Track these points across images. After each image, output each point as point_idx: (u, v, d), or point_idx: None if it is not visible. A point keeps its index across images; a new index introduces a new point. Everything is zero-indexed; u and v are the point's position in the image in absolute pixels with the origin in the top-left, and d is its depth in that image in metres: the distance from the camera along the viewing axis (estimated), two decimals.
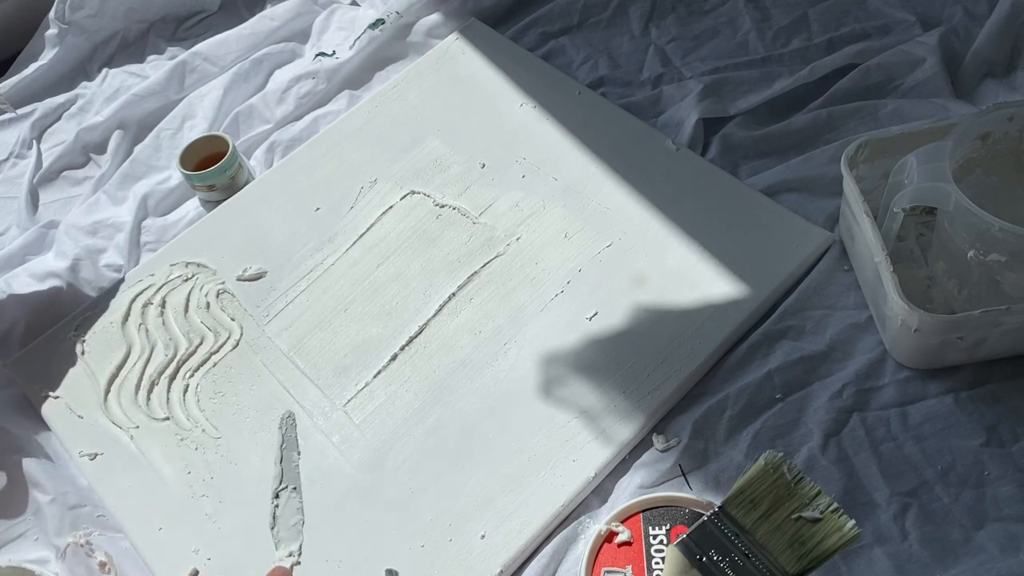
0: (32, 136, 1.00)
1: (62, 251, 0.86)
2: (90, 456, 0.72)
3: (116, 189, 0.92)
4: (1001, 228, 0.58)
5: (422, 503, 0.66)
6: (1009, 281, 0.62)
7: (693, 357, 0.70)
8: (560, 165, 0.84)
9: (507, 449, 0.67)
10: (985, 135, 0.65)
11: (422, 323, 0.75)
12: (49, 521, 0.68)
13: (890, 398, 0.66)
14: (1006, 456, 0.62)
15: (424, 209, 0.83)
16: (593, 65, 0.95)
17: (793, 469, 0.53)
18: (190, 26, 1.10)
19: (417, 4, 1.01)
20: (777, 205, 0.77)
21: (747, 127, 0.85)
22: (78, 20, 1.06)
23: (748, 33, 0.93)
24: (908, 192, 0.63)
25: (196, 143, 0.90)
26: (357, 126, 0.92)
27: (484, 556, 0.63)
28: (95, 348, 0.78)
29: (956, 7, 0.90)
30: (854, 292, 0.72)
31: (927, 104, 0.81)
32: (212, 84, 1.00)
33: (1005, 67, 0.84)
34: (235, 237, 0.85)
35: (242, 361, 0.76)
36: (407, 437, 0.69)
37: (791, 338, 0.70)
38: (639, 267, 0.76)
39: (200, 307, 0.80)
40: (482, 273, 0.78)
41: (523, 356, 0.72)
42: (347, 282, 0.80)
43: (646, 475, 0.65)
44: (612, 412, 0.68)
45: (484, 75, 0.94)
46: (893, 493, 0.61)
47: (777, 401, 0.67)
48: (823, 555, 0.51)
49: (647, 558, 0.59)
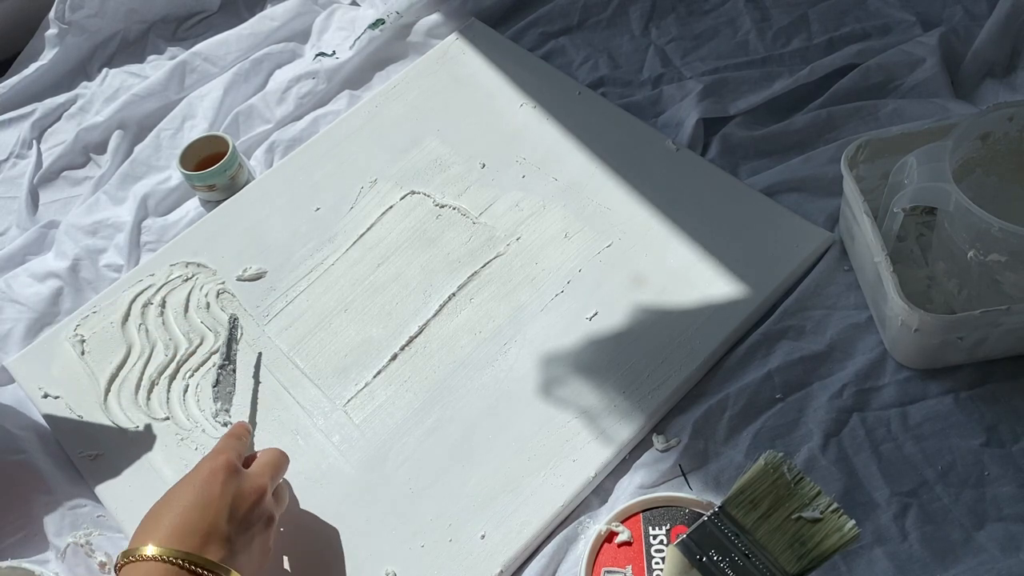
0: (32, 136, 1.00)
1: (62, 251, 0.86)
2: (90, 456, 0.72)
3: (116, 189, 0.92)
4: (1001, 228, 0.58)
5: (422, 503, 0.66)
6: (1009, 281, 0.62)
7: (693, 357, 0.70)
8: (560, 165, 0.84)
9: (507, 449, 0.67)
10: (985, 135, 0.65)
11: (422, 323, 0.75)
12: (49, 521, 0.68)
13: (890, 398, 0.66)
14: (1006, 456, 0.62)
15: (424, 209, 0.83)
16: (593, 65, 0.95)
17: (793, 469, 0.53)
18: (190, 26, 1.10)
19: (417, 4, 1.01)
20: (777, 205, 0.77)
21: (747, 127, 0.85)
22: (78, 20, 1.06)
23: (748, 33, 0.93)
24: (908, 192, 0.63)
25: (196, 143, 0.90)
26: (357, 126, 0.92)
27: (484, 556, 0.63)
28: (95, 348, 0.78)
29: (956, 7, 0.90)
30: (854, 292, 0.72)
31: (927, 104, 0.81)
32: (212, 84, 1.00)
33: (1005, 67, 0.84)
34: (235, 237, 0.85)
35: (242, 361, 0.76)
36: (407, 437, 0.69)
37: (791, 338, 0.70)
38: (639, 267, 0.76)
39: (200, 307, 0.80)
40: (482, 273, 0.78)
41: (523, 356, 0.72)
42: (347, 282, 0.80)
43: (646, 475, 0.65)
44: (612, 412, 0.68)
45: (484, 75, 0.94)
46: (893, 493, 0.61)
47: (777, 401, 0.67)
48: (823, 555, 0.51)
49: (647, 558, 0.59)
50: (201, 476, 0.55)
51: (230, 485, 0.55)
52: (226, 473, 0.55)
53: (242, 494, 0.55)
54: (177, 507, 0.54)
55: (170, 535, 0.52)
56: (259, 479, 0.57)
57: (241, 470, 0.57)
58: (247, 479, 0.57)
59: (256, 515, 0.56)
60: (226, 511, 0.54)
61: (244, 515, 0.55)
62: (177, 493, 0.55)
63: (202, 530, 0.52)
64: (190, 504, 0.54)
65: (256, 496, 0.56)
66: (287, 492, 0.64)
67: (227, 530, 0.53)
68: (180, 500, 0.54)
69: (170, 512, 0.53)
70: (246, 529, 0.55)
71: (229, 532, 0.53)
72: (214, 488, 0.54)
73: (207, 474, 0.55)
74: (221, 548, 0.53)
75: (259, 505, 0.56)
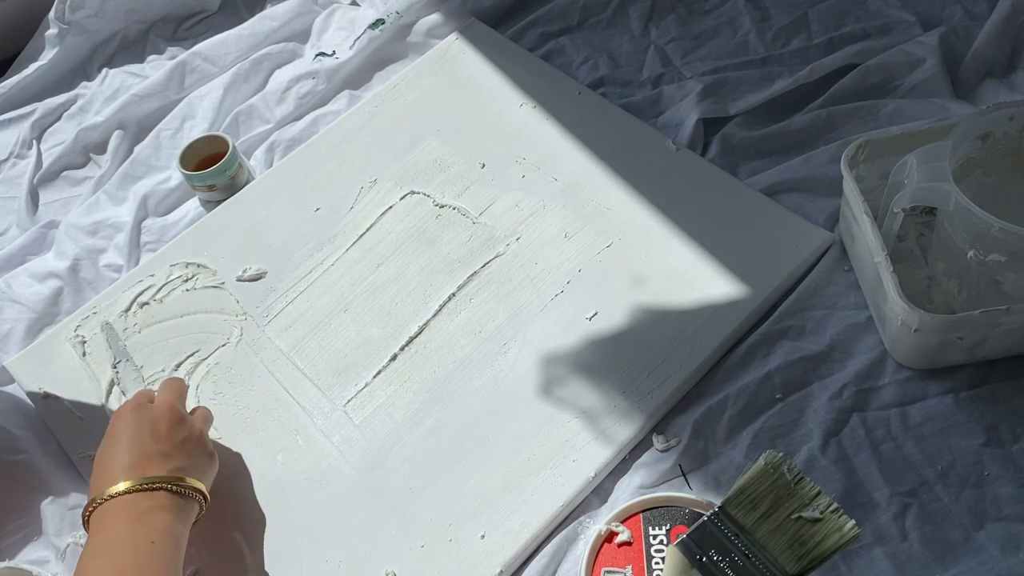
0: (32, 136, 1.00)
1: (62, 251, 0.86)
2: (90, 456, 0.71)
3: (116, 189, 0.92)
4: (1001, 228, 0.58)
5: (422, 503, 0.66)
6: (1009, 281, 0.62)
7: (693, 357, 0.70)
8: (560, 165, 0.84)
9: (507, 449, 0.67)
10: (985, 135, 0.65)
11: (422, 323, 0.75)
12: (49, 521, 0.68)
13: (890, 398, 0.66)
14: (1006, 456, 0.62)
15: (424, 209, 0.83)
16: (593, 65, 0.95)
17: (793, 469, 0.53)
18: (190, 26, 1.10)
19: (417, 4, 1.01)
20: (777, 205, 0.77)
21: (747, 127, 0.85)
22: (78, 20, 1.06)
23: (748, 33, 0.93)
24: (908, 192, 0.63)
25: (196, 143, 0.90)
26: (357, 126, 0.92)
27: (484, 556, 0.63)
28: (95, 348, 0.78)
29: (956, 7, 0.90)
30: (854, 292, 0.72)
31: (927, 104, 0.81)
32: (212, 84, 1.00)
33: (1005, 67, 0.84)
34: (235, 237, 0.85)
35: (242, 361, 0.76)
36: (407, 437, 0.69)
37: (791, 338, 0.70)
38: (639, 267, 0.76)
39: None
40: (482, 273, 0.78)
41: (523, 356, 0.72)
42: (347, 282, 0.80)
43: (646, 475, 0.65)
44: (612, 412, 0.68)
45: (484, 75, 0.94)
46: (893, 493, 0.61)
47: (777, 401, 0.67)
48: (823, 555, 0.51)
49: (647, 558, 0.59)
50: (118, 423, 0.62)
51: (141, 416, 0.62)
52: (131, 411, 0.62)
53: (153, 418, 0.62)
54: (106, 455, 0.60)
55: (112, 475, 0.58)
56: (162, 402, 0.63)
57: (144, 404, 0.63)
58: (152, 407, 0.63)
59: (179, 429, 0.62)
60: (148, 436, 0.60)
61: (167, 432, 0.61)
62: (106, 445, 0.61)
63: (137, 460, 0.59)
64: (120, 446, 0.60)
65: (168, 413, 0.62)
66: (207, 411, 0.70)
67: (158, 449, 0.60)
68: (111, 448, 0.60)
69: (104, 460, 0.60)
70: (178, 443, 0.61)
71: (161, 449, 0.60)
72: (131, 425, 0.61)
73: (115, 420, 0.62)
74: (163, 465, 0.59)
75: (176, 420, 0.62)
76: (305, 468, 0.69)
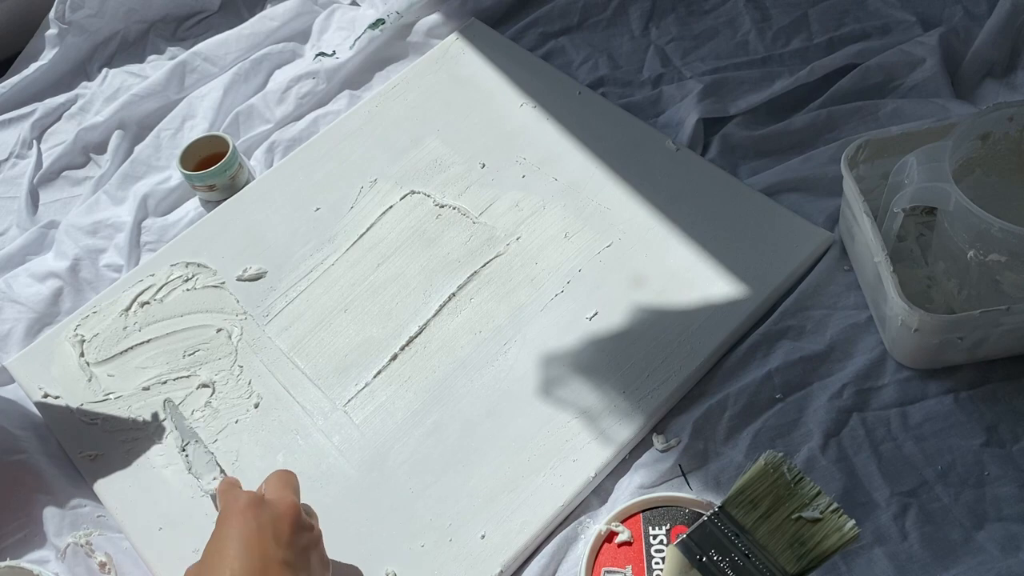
0: (32, 136, 1.00)
1: (62, 251, 0.86)
2: (90, 456, 0.72)
3: (116, 189, 0.92)
4: (1001, 228, 0.58)
5: (422, 503, 0.66)
6: (1009, 281, 0.62)
7: (693, 357, 0.70)
8: (560, 165, 0.84)
9: (507, 449, 0.67)
10: (985, 135, 0.65)
11: (422, 323, 0.75)
12: (49, 521, 0.68)
13: (890, 398, 0.66)
14: (1006, 456, 0.62)
15: (424, 209, 0.83)
16: (593, 65, 0.95)
17: (793, 469, 0.53)
18: (190, 26, 1.10)
19: (417, 4, 1.01)
20: (777, 205, 0.77)
21: (747, 127, 0.85)
22: (78, 20, 1.06)
23: (748, 33, 0.93)
24: (908, 192, 0.63)
25: (196, 143, 0.90)
26: (357, 126, 0.92)
27: (484, 556, 0.63)
28: (95, 348, 0.78)
29: (956, 7, 0.90)
30: (854, 292, 0.72)
31: (927, 104, 0.81)
32: (212, 84, 1.00)
33: (1005, 67, 0.84)
34: (235, 237, 0.85)
35: (242, 361, 0.76)
36: (407, 437, 0.69)
37: (791, 338, 0.70)
38: (639, 267, 0.76)
39: None
40: (482, 273, 0.78)
41: (523, 356, 0.72)
42: (347, 282, 0.80)
43: (646, 475, 0.65)
44: (612, 412, 0.68)
45: (484, 75, 0.94)
46: (893, 493, 0.61)
47: (777, 401, 0.67)
48: (823, 555, 0.51)
49: (647, 558, 0.59)
50: (233, 522, 0.53)
51: (263, 515, 0.54)
52: (254, 508, 0.54)
53: (278, 517, 0.54)
54: (227, 558, 0.52)
55: None
56: (284, 497, 0.56)
57: (265, 499, 0.56)
58: (274, 504, 0.55)
59: (300, 531, 0.55)
60: (271, 539, 0.53)
61: (289, 536, 0.54)
62: (217, 547, 0.53)
63: (259, 566, 0.51)
64: (237, 550, 0.52)
65: (291, 513, 0.55)
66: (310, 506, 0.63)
67: (281, 555, 0.52)
68: (225, 551, 0.52)
69: (221, 564, 0.52)
70: (298, 548, 0.54)
71: (284, 556, 0.52)
72: (251, 524, 0.53)
73: (237, 517, 0.54)
74: (283, 573, 0.52)
75: (298, 521, 0.55)
76: (305, 468, 0.69)
